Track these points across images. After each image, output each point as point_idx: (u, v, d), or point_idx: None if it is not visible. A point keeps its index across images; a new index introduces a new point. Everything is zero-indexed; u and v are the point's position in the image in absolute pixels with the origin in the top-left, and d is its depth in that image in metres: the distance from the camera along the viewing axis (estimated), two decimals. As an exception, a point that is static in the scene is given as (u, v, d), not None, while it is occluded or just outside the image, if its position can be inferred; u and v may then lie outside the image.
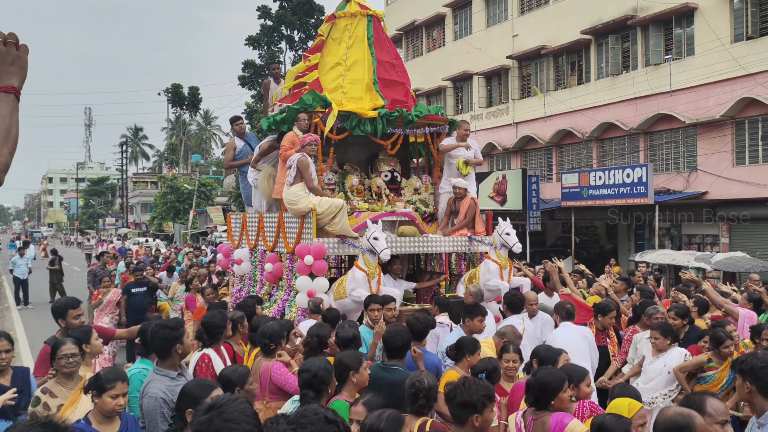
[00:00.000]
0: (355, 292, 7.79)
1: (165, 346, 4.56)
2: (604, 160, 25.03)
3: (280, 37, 37.22)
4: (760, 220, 20.53)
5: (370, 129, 8.83)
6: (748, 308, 8.48)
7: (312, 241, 8.08)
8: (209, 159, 76.88)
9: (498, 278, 8.23)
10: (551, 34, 26.55)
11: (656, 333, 6.70)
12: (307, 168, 8.11)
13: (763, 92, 19.68)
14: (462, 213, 8.94)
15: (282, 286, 8.66)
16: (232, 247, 10.46)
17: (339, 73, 9.17)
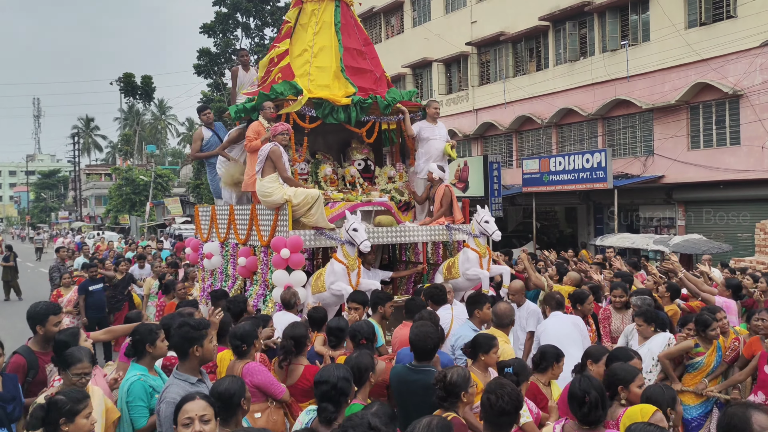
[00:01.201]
0: (334, 285, 7.54)
1: (183, 345, 4.27)
2: (563, 146, 25.13)
3: (235, 24, 36.38)
4: (714, 202, 20.86)
5: (344, 117, 8.53)
6: (726, 296, 8.10)
7: (288, 233, 7.77)
8: (165, 149, 75.36)
9: (477, 267, 8.07)
10: (509, 20, 26.47)
11: (639, 320, 6.60)
12: (280, 158, 7.78)
13: (716, 77, 19.92)
14: (437, 201, 8.72)
15: (257, 281, 8.34)
16: (201, 241, 10.05)
17: (306, 59, 8.84)
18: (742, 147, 19.79)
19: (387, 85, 9.36)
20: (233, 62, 35.65)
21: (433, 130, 9.06)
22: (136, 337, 4.83)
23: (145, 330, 4.86)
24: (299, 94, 8.35)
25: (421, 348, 4.88)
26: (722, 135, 20.49)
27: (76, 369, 4.37)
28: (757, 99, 19.26)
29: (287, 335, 5.32)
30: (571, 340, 6.25)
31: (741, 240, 20.07)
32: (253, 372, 5.08)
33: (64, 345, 4.76)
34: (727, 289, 8.26)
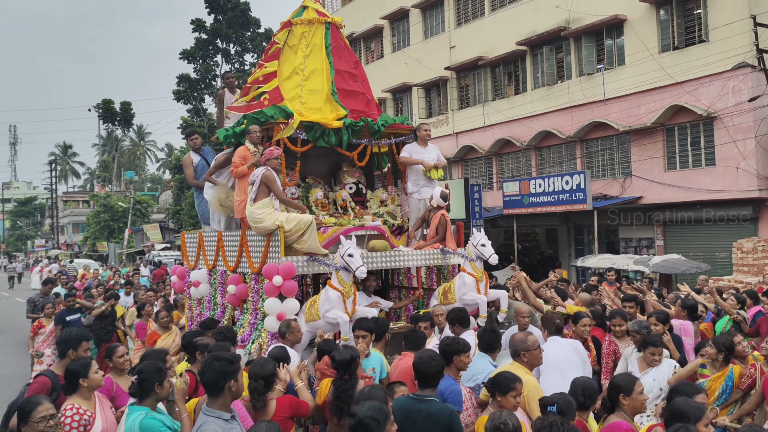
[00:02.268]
0: (329, 313, 7.18)
1: (219, 381, 3.96)
2: (542, 168, 25.10)
3: (215, 50, 36.10)
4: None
5: (335, 140, 8.25)
6: (682, 317, 7.96)
7: (280, 259, 7.43)
8: (144, 175, 74.38)
9: (474, 291, 7.78)
10: (488, 45, 26.53)
11: (660, 349, 6.25)
12: (275, 182, 7.47)
13: (690, 100, 20.05)
14: (433, 228, 8.45)
15: (247, 309, 7.95)
16: (188, 269, 9.65)
17: (297, 82, 8.56)
18: (717, 168, 19.87)
19: (377, 109, 9.11)
20: (213, 88, 35.36)
21: (422, 154, 8.83)
22: (143, 376, 4.46)
23: (153, 369, 4.50)
24: (290, 118, 8.06)
25: (424, 373, 4.58)
26: (697, 156, 20.57)
27: (38, 415, 4.02)
28: (730, 121, 19.40)
29: (256, 375, 4.78)
30: (571, 365, 5.96)
31: (719, 259, 20.10)
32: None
33: (75, 374, 4.70)
34: (683, 309, 8.07)
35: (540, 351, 5.39)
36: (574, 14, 23.13)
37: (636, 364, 6.38)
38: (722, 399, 6.04)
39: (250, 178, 7.60)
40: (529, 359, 5.27)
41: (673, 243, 21.32)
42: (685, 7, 20.73)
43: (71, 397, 4.71)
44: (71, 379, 4.72)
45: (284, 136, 7.98)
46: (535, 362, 5.36)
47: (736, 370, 6.07)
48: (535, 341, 5.36)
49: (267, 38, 35.92)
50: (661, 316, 7.17)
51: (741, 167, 19.23)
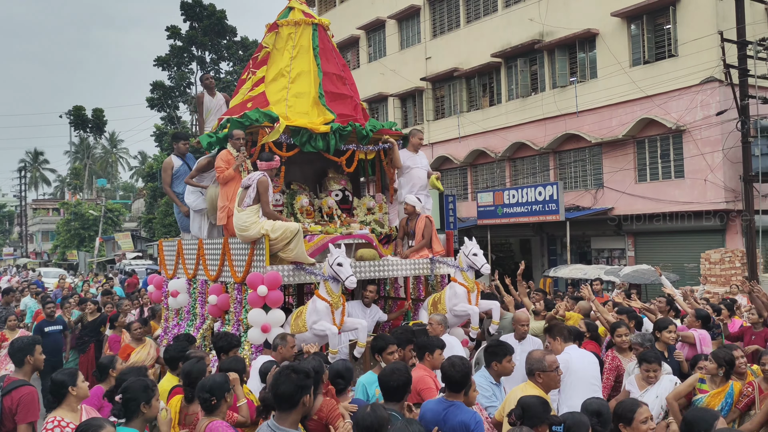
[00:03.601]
0: (317, 325, 6.73)
1: (295, 395, 3.67)
2: (516, 179, 24.95)
3: (190, 57, 35.36)
4: (662, 233, 20.87)
5: (322, 145, 7.80)
6: (696, 326, 7.63)
7: (265, 269, 6.96)
8: (116, 183, 72.82)
9: (466, 302, 7.39)
10: (463, 57, 26.37)
11: (655, 365, 5.85)
12: (266, 191, 7.02)
13: (660, 113, 20.08)
14: (419, 233, 8.05)
15: (229, 321, 7.45)
16: (166, 278, 9.09)
17: (283, 85, 8.09)
18: (686, 180, 19.89)
19: (364, 114, 8.70)
20: (188, 95, 34.60)
21: (414, 160, 8.44)
22: (128, 395, 4.01)
23: (139, 387, 4.04)
24: (275, 122, 7.61)
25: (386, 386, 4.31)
26: (667, 168, 20.59)
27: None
28: (698, 134, 19.44)
29: (205, 388, 4.35)
30: (596, 380, 5.57)
31: (687, 270, 20.07)
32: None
33: (62, 384, 4.43)
34: (697, 320, 7.73)
35: (558, 373, 4.87)
36: (548, 27, 23.07)
37: (635, 382, 6.01)
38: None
39: (245, 182, 7.13)
40: (544, 380, 4.74)
41: (643, 253, 21.28)
42: (655, 22, 20.78)
43: (56, 409, 4.42)
44: (57, 390, 4.44)
45: (270, 140, 7.53)
46: (552, 384, 4.82)
47: (737, 387, 5.70)
48: (554, 362, 4.82)
49: (243, 47, 35.34)
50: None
51: (709, 179, 19.26)
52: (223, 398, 4.37)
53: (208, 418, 4.34)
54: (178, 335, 6.98)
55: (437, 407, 4.48)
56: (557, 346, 5.85)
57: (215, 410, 4.35)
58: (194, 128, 32.69)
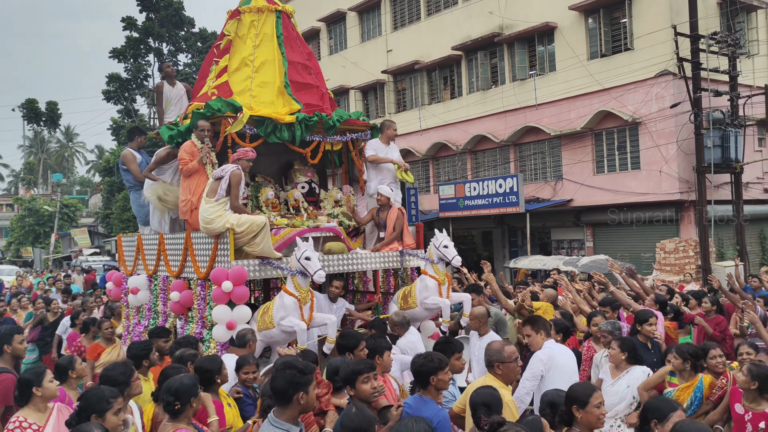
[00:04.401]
0: (285, 321, 6.45)
1: (288, 390, 3.54)
2: (478, 172, 24.91)
3: (147, 49, 34.30)
4: (619, 224, 21.06)
5: (288, 136, 7.48)
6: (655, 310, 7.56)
7: (229, 264, 6.63)
8: (72, 178, 70.72)
9: (437, 295, 7.17)
10: (424, 49, 26.19)
11: (615, 344, 5.77)
12: (238, 185, 6.71)
13: (617, 106, 20.21)
14: (390, 225, 7.80)
15: (192, 318, 7.10)
16: (125, 274, 8.66)
17: (246, 74, 7.73)
18: (642, 171, 20.08)
19: (331, 103, 8.39)
20: (145, 88, 33.61)
21: (387, 152, 8.16)
22: (83, 404, 3.69)
23: (95, 397, 3.72)
24: (238, 112, 7.25)
25: None
26: (624, 160, 20.77)
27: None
28: (654, 126, 19.63)
29: (171, 390, 4.03)
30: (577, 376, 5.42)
31: (644, 259, 20.30)
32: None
33: (27, 384, 4.27)
34: (656, 304, 7.77)
35: (517, 364, 4.74)
36: (508, 21, 23.03)
37: (608, 371, 5.90)
38: (691, 410, 5.58)
39: (218, 173, 6.78)
40: (504, 372, 4.60)
41: (601, 244, 21.46)
42: (612, 16, 20.91)
43: (23, 408, 4.27)
44: (23, 389, 4.29)
45: (233, 131, 7.18)
46: (511, 376, 4.70)
47: (706, 380, 5.61)
48: (513, 352, 4.70)
49: (202, 38, 34.38)
50: None
51: (664, 171, 19.48)
52: (189, 403, 4.03)
53: (172, 424, 4.01)
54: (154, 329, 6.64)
55: (412, 404, 4.33)
56: (539, 339, 5.61)
57: (179, 415, 4.02)
58: (152, 121, 31.80)
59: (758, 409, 4.94)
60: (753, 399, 4.97)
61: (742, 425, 5.00)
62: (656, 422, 3.67)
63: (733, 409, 5.11)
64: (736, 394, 5.09)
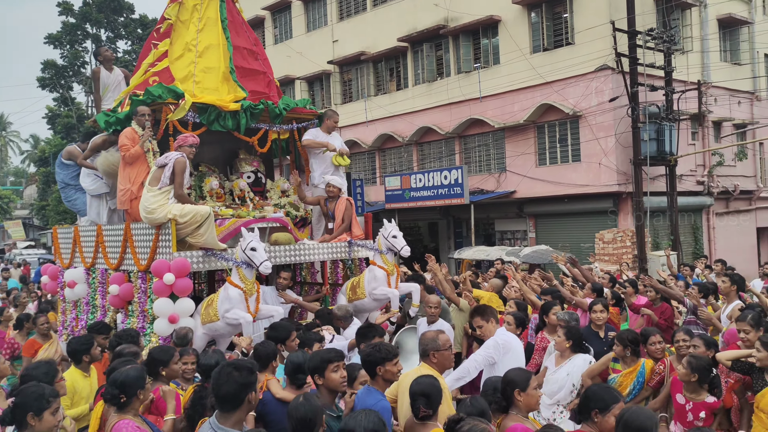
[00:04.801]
0: (230, 313, 6.25)
1: (239, 394, 3.34)
2: (423, 163, 24.94)
3: (84, 35, 32.98)
4: (560, 215, 21.45)
5: (232, 124, 7.25)
6: (592, 297, 7.75)
7: (171, 255, 6.38)
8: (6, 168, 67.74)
9: (385, 285, 7.10)
10: (370, 40, 26.01)
11: (561, 332, 5.82)
12: (182, 172, 6.45)
13: (558, 99, 20.50)
14: (339, 216, 7.67)
15: (133, 312, 6.81)
16: (61, 267, 8.26)
17: (189, 60, 7.44)
18: (582, 164, 20.44)
19: (278, 91, 8.17)
20: (82, 75, 32.35)
21: (326, 141, 8.00)
22: (20, 400, 3.45)
23: (34, 395, 3.48)
24: (180, 98, 6.98)
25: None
26: (565, 152, 21.09)
27: None
28: (593, 119, 20.00)
29: (116, 383, 3.90)
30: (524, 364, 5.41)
31: (583, 249, 20.70)
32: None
33: None
34: (593, 292, 7.98)
35: (451, 352, 4.69)
36: (453, 13, 23.07)
37: (553, 360, 5.93)
38: (632, 395, 5.68)
39: (161, 161, 6.49)
40: (439, 360, 4.53)
41: (543, 234, 21.80)
42: (554, 11, 21.18)
43: None
44: None
45: (175, 118, 6.91)
46: (446, 364, 4.63)
47: (648, 365, 5.72)
48: (447, 340, 4.64)
49: (142, 24, 33.28)
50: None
51: (603, 163, 19.87)
52: (135, 396, 3.88)
53: (118, 415, 3.86)
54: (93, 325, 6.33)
55: (359, 394, 4.28)
56: (491, 327, 5.52)
57: (125, 407, 3.87)
58: (90, 110, 30.67)
59: (698, 399, 5.04)
60: (693, 390, 5.06)
61: (683, 414, 5.10)
62: (597, 412, 3.64)
63: (675, 399, 5.19)
64: (677, 385, 5.18)
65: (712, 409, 5.03)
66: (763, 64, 24.62)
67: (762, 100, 24.41)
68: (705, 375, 4.98)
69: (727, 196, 22.96)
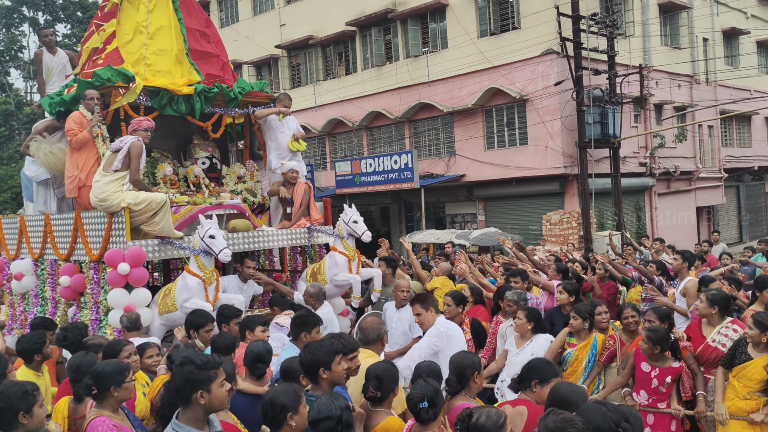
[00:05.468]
0: (188, 302, 6.07)
1: (184, 389, 3.12)
2: (374, 148, 24.81)
3: (21, 18, 31.43)
4: (508, 198, 21.69)
5: (185, 108, 6.98)
6: (558, 278, 7.89)
7: (125, 244, 6.13)
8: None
9: (347, 271, 6.99)
10: (318, 24, 25.60)
11: (521, 314, 5.82)
12: (138, 157, 6.16)
13: (505, 83, 20.62)
14: (297, 201, 7.50)
15: (86, 304, 6.53)
16: (7, 259, 7.86)
17: (140, 42, 7.11)
18: (530, 147, 20.68)
19: (233, 74, 7.91)
20: (20, 60, 30.89)
21: (281, 124, 7.80)
22: (3, 404, 3.26)
23: (17, 394, 3.30)
24: (130, 82, 6.68)
25: None
26: (513, 136, 21.28)
27: None
28: (540, 103, 20.22)
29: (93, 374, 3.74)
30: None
31: (531, 231, 21.04)
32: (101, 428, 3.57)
33: None
34: (558, 273, 8.05)
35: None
36: (401, -3, 22.94)
37: (513, 342, 5.95)
38: (588, 370, 5.78)
39: (116, 145, 6.19)
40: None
41: (492, 217, 22.03)
42: (501, -5, 21.29)
43: None
44: None
45: (125, 102, 6.61)
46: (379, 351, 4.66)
47: (600, 338, 5.85)
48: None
49: (82, 7, 31.89)
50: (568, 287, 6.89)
51: (549, 146, 20.14)
52: (109, 391, 3.67)
53: (96, 410, 3.68)
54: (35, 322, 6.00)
55: None
56: (429, 316, 5.39)
57: (101, 401, 3.69)
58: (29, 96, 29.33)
59: (665, 365, 5.22)
60: (657, 359, 5.24)
61: (647, 381, 5.24)
62: (537, 382, 3.77)
63: (639, 367, 5.32)
64: (640, 355, 5.31)
65: (678, 373, 5.25)
66: (701, 48, 25.38)
67: (701, 83, 25.18)
68: (665, 344, 5.17)
69: (668, 177, 23.62)
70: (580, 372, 5.75)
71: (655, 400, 5.25)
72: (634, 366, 5.38)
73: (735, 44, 27.49)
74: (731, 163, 27.13)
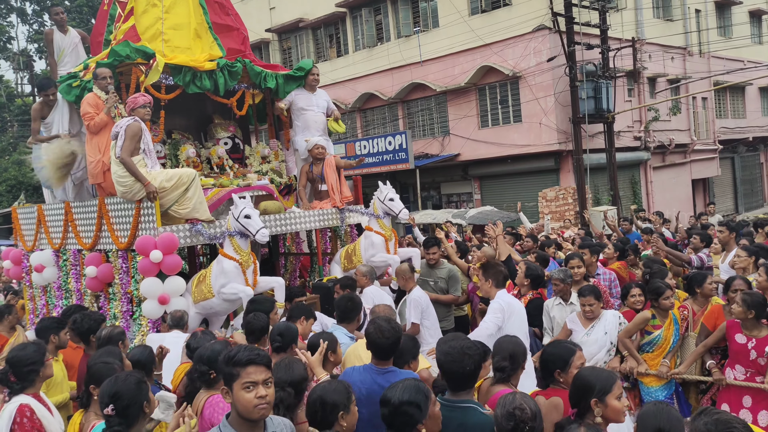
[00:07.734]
0: (227, 288, 5.65)
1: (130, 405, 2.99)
2: (367, 130, 24.37)
3: (8, 9, 30.19)
4: (504, 176, 21.42)
5: (209, 85, 6.50)
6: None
7: (157, 231, 5.69)
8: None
9: (384, 252, 6.59)
10: (308, 7, 24.95)
11: (590, 299, 5.38)
12: (134, 137, 5.61)
13: (498, 61, 20.27)
14: (329, 176, 7.05)
15: (114, 295, 6.08)
16: (25, 251, 7.35)
17: (156, 16, 6.59)
18: (524, 124, 20.37)
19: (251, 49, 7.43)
20: (9, 51, 29.75)
21: (310, 100, 7.35)
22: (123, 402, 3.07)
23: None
24: (150, 59, 6.19)
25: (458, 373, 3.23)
26: (506, 114, 20.96)
27: None
28: (533, 80, 19.89)
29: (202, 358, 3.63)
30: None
31: (528, 208, 20.73)
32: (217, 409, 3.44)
33: None
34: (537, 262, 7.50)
35: None
36: (391, -24, 22.39)
37: (576, 320, 5.58)
38: (672, 346, 5.44)
39: (114, 130, 5.70)
40: None
41: (488, 196, 21.77)
42: (490, -29, 20.84)
43: None
44: None
45: (149, 83, 6.10)
46: None
47: (677, 314, 5.54)
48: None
49: (69, -3, 30.85)
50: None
51: (543, 123, 19.85)
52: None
53: (207, 392, 3.60)
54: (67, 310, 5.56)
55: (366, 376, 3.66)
56: (486, 287, 5.07)
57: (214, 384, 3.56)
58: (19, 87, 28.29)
59: (761, 335, 4.83)
60: (752, 326, 4.86)
61: (745, 354, 4.87)
62: (559, 372, 3.53)
63: (734, 340, 4.94)
64: (734, 326, 4.95)
65: None
66: (694, 19, 25.12)
67: (694, 55, 24.97)
68: (761, 310, 4.80)
69: (663, 150, 23.46)
70: (666, 350, 5.41)
71: (754, 373, 4.85)
72: (727, 339, 5.02)
73: (727, 15, 27.28)
74: (726, 134, 26.99)
